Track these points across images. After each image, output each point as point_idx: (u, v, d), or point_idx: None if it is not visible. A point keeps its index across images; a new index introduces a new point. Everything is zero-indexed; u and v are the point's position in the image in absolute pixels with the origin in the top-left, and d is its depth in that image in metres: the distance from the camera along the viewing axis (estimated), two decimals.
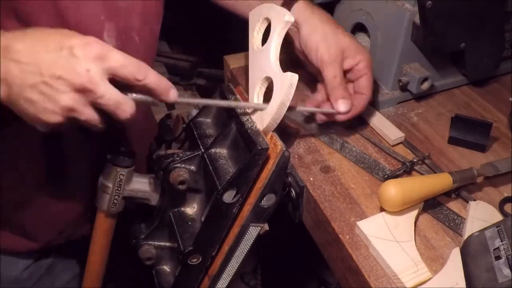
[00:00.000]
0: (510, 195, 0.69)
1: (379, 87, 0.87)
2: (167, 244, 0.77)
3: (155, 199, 0.75)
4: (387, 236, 0.62)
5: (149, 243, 0.76)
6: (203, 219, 0.67)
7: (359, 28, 0.91)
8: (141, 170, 0.81)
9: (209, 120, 0.75)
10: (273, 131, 0.65)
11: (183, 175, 0.66)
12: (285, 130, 0.78)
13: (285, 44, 0.67)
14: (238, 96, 0.72)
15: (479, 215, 0.64)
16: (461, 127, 0.78)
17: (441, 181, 0.66)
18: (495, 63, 0.92)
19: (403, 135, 0.79)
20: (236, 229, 0.68)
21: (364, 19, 0.87)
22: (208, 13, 0.86)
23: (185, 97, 1.61)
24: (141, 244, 0.75)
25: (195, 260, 0.70)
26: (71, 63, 0.50)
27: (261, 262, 1.41)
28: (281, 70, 0.64)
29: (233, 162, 0.66)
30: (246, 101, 0.71)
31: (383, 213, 0.65)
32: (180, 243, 0.69)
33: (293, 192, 0.71)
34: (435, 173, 0.72)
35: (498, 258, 0.54)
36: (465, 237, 0.60)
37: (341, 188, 0.70)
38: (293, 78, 0.61)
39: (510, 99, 0.85)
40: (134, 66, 0.53)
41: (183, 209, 0.73)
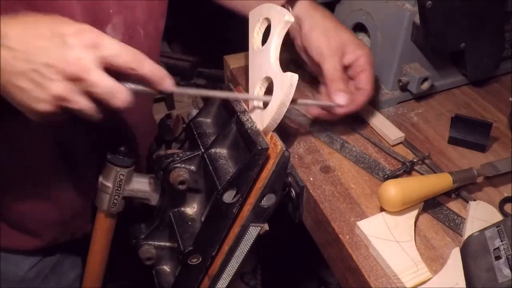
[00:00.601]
0: (510, 195, 0.69)
1: (379, 87, 0.87)
2: (167, 244, 0.77)
3: (155, 199, 0.75)
4: (387, 236, 0.62)
5: (149, 243, 0.76)
6: (203, 219, 0.67)
7: (359, 28, 0.91)
8: (141, 170, 0.81)
9: (209, 120, 0.76)
10: (273, 131, 0.65)
11: (183, 175, 0.66)
12: (285, 130, 0.78)
13: (285, 44, 0.67)
14: None
15: (479, 215, 0.64)
16: (461, 127, 0.78)
17: (441, 181, 0.66)
18: (495, 63, 0.92)
19: (403, 135, 0.79)
20: (236, 229, 0.68)
21: (364, 19, 0.87)
22: (208, 13, 0.86)
23: (185, 97, 1.62)
24: (141, 244, 0.75)
25: (195, 260, 0.70)
26: (63, 51, 0.49)
27: (261, 262, 1.41)
28: (281, 70, 0.64)
29: (233, 162, 0.66)
30: (246, 101, 0.71)
31: (383, 213, 0.65)
32: (180, 243, 0.69)
33: (293, 192, 0.71)
34: (435, 173, 0.72)
35: (498, 258, 0.54)
36: (465, 237, 0.60)
37: (341, 188, 0.70)
38: (293, 78, 0.61)
39: (510, 99, 0.85)
40: (129, 55, 0.52)
41: (183, 209, 0.73)
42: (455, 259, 0.59)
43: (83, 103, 0.52)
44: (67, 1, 0.62)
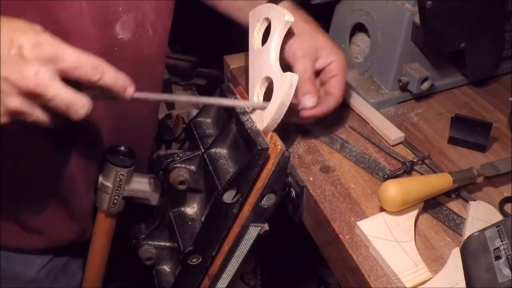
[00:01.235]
0: (510, 195, 0.69)
1: (379, 87, 0.87)
2: (167, 244, 0.77)
3: (155, 199, 0.75)
4: (387, 236, 0.62)
5: (149, 243, 0.76)
6: (203, 219, 0.67)
7: (359, 28, 0.91)
8: (142, 170, 0.81)
9: (209, 120, 0.76)
10: (273, 131, 0.65)
11: (183, 175, 0.66)
12: (285, 130, 0.78)
13: None
14: (238, 96, 0.72)
15: (479, 215, 0.64)
16: (461, 127, 0.78)
17: (441, 181, 0.66)
18: (495, 63, 0.92)
19: (403, 135, 0.79)
20: (236, 229, 0.68)
21: (364, 19, 0.87)
22: (208, 13, 0.86)
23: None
24: (141, 244, 0.75)
25: (195, 260, 0.70)
26: (20, 64, 0.48)
27: (261, 262, 1.41)
28: (281, 70, 0.64)
29: (233, 162, 0.66)
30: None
31: (383, 213, 0.65)
32: (180, 243, 0.69)
33: (293, 192, 0.71)
34: (435, 173, 0.72)
35: (498, 258, 0.54)
36: (465, 237, 0.60)
37: (341, 188, 0.70)
38: (293, 78, 0.61)
39: (510, 99, 0.85)
40: (89, 66, 0.51)
41: (183, 209, 0.73)
42: (455, 259, 0.59)
43: (39, 116, 0.51)
44: (77, 0, 0.61)
